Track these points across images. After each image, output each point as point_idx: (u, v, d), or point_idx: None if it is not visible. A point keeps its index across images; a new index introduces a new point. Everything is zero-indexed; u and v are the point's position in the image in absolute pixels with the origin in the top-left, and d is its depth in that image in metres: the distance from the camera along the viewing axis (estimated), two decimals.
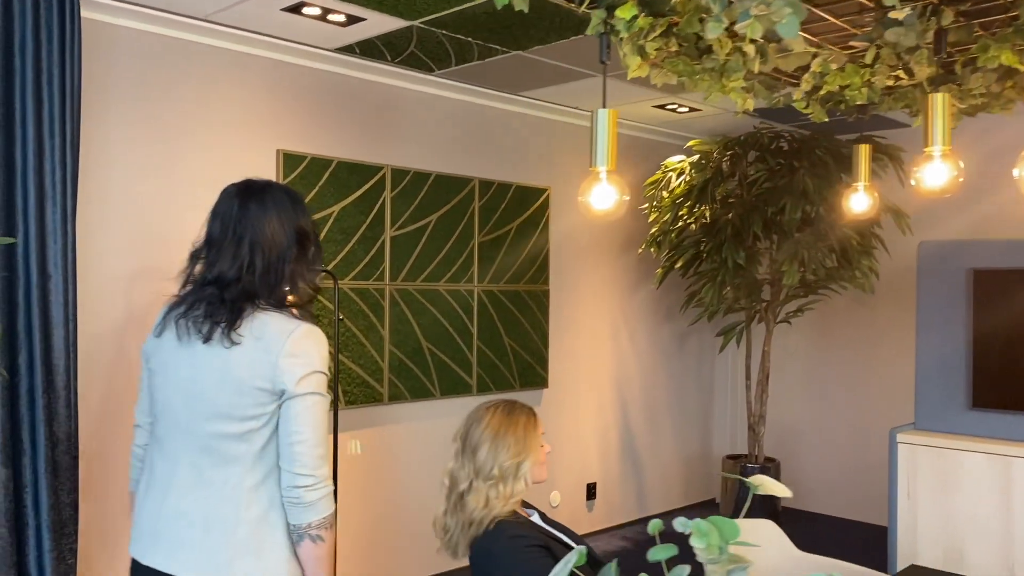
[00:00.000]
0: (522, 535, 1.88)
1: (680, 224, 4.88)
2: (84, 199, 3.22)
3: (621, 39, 1.84)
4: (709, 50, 1.89)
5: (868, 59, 1.82)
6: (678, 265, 4.89)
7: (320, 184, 4.05)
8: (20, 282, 2.97)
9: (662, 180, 5.02)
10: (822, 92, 2.09)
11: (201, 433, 1.77)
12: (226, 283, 1.79)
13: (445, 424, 4.59)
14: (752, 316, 4.94)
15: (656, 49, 1.86)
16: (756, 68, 1.86)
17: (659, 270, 5.19)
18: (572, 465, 5.30)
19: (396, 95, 4.39)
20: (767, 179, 4.69)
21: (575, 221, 5.30)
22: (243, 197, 1.87)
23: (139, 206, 3.52)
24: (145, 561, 1.81)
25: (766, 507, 4.92)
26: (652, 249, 5.17)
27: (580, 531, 5.29)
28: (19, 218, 2.98)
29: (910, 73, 1.96)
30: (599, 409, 5.44)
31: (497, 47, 3.90)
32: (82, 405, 3.23)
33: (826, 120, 2.54)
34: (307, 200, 3.94)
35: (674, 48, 1.93)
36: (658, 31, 1.83)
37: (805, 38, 1.72)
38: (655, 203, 5.01)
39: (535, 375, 5.02)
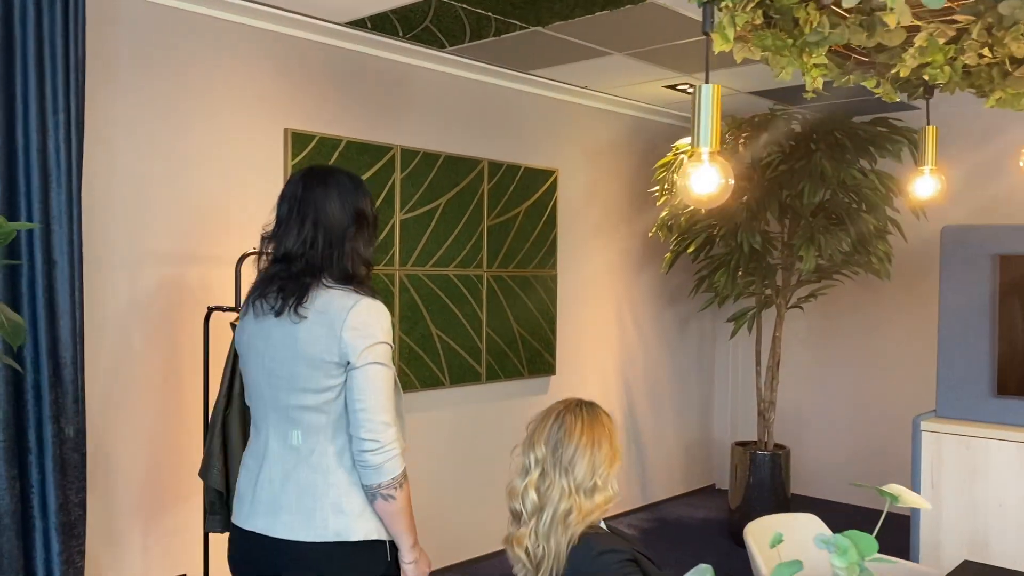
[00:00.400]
0: (613, 549, 1.75)
1: (691, 207, 4.76)
2: (86, 180, 3.02)
3: (723, 7, 1.70)
4: (796, 23, 1.77)
5: (975, 34, 1.71)
6: (690, 250, 4.78)
7: (333, 161, 3.87)
8: (24, 270, 2.77)
9: (673, 162, 4.90)
10: (898, 71, 1.98)
11: (285, 406, 1.92)
12: (291, 259, 1.91)
13: (455, 414, 4.46)
14: (763, 301, 4.86)
15: (744, 22, 1.73)
16: (860, 42, 1.74)
17: (668, 254, 5.08)
18: None
19: (405, 73, 4.21)
20: (781, 162, 4.58)
21: (582, 204, 5.17)
22: (307, 179, 1.99)
23: (143, 187, 3.32)
24: (247, 526, 1.96)
25: (775, 493, 4.86)
26: (661, 233, 5.06)
27: None
28: (22, 200, 2.78)
29: (994, 51, 1.86)
30: (603, 396, 5.34)
31: (516, 22, 3.74)
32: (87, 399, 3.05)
33: (896, 100, 2.44)
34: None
35: (759, 21, 1.80)
36: (753, 2, 1.70)
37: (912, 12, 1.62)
38: (666, 186, 4.89)
39: (543, 362, 4.89)
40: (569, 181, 5.06)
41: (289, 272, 1.90)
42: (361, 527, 1.89)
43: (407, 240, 4.20)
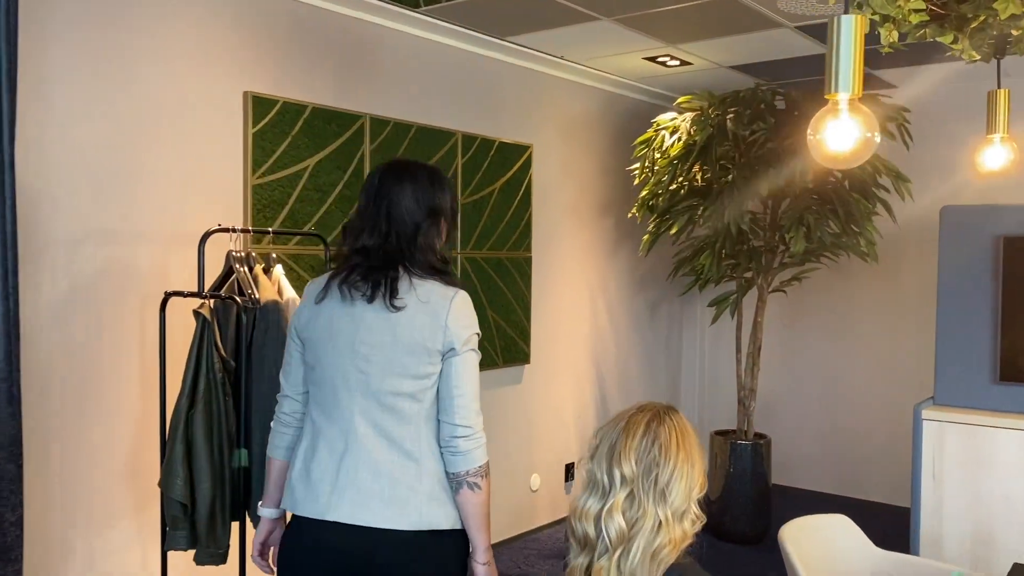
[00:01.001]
0: None
1: (676, 186, 4.52)
2: (21, 146, 2.57)
3: None
4: None
5: None
6: (673, 230, 4.53)
7: (293, 133, 3.48)
8: None
9: (654, 139, 4.64)
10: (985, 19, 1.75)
11: (377, 391, 1.89)
12: (368, 252, 1.93)
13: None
14: (744, 285, 4.66)
15: None
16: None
17: (646, 236, 4.83)
18: (552, 446, 4.93)
19: (377, 35, 3.83)
20: (768, 139, 4.37)
21: (556, 182, 4.87)
22: (384, 173, 1.99)
23: (83, 155, 2.88)
24: (330, 517, 1.88)
25: (756, 483, 4.68)
26: (639, 213, 4.80)
27: (558, 515, 4.95)
28: None
29: None
30: (576, 385, 5.08)
31: None
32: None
33: (975, 59, 2.22)
34: (278, 153, 3.39)
35: None
36: None
37: None
38: (647, 163, 4.62)
39: (518, 350, 4.60)
40: (543, 157, 4.75)
41: (370, 264, 1.92)
42: (452, 515, 1.90)
43: None
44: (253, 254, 2.84)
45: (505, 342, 4.50)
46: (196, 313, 2.63)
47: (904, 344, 5.27)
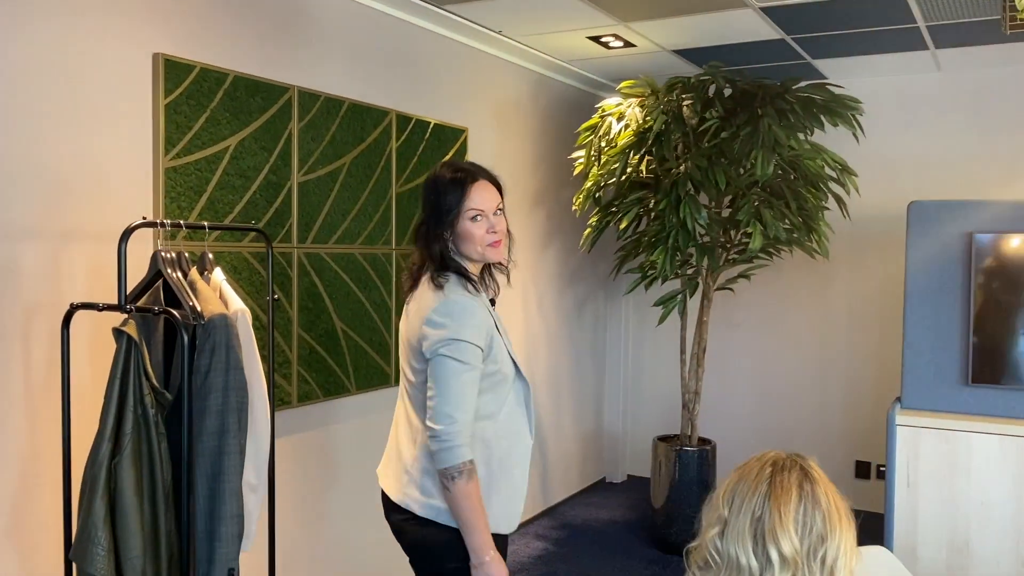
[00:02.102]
0: None
1: (625, 177, 4.18)
2: None
3: None
4: None
5: None
6: (623, 225, 4.19)
7: (212, 106, 2.88)
8: None
9: (600, 125, 4.28)
10: None
11: (401, 377, 2.13)
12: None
13: (363, 425, 3.63)
14: (689, 283, 4.39)
15: None
16: None
17: (588, 230, 4.48)
18: None
19: None
20: (721, 128, 4.10)
21: (492, 168, 4.43)
22: None
23: None
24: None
25: (703, 492, 4.43)
26: (578, 207, 4.44)
27: None
28: None
29: None
30: None
31: None
32: None
33: None
34: (196, 129, 2.82)
35: None
36: None
37: None
38: (593, 152, 4.26)
39: None
40: (478, 143, 4.30)
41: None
42: (428, 505, 2.01)
43: (306, 209, 3.28)
44: (186, 255, 2.26)
45: None
46: (118, 332, 2.04)
47: (847, 342, 5.17)
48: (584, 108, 5.34)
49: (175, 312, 2.04)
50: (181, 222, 2.35)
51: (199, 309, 2.09)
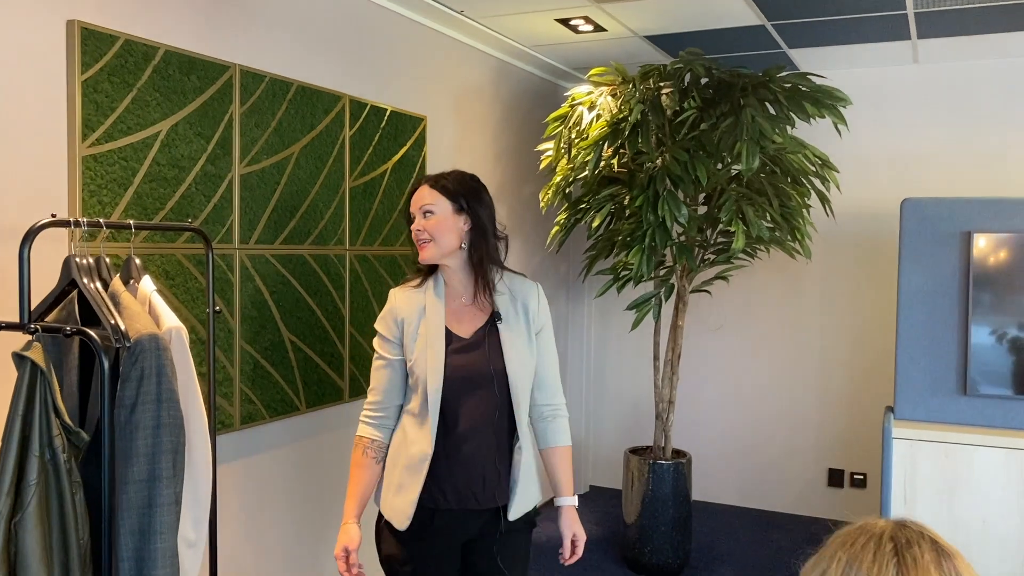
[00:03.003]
0: None
1: (598, 171, 3.87)
2: None
3: None
4: None
5: None
6: (596, 223, 3.88)
7: (139, 84, 2.47)
8: None
9: (570, 115, 3.96)
10: None
11: None
12: None
13: (315, 446, 3.25)
14: (664, 285, 4.11)
15: None
16: None
17: (555, 228, 4.15)
18: None
19: None
20: (700, 119, 3.82)
21: (450, 163, 4.08)
22: None
23: None
24: None
25: (678, 506, 4.16)
26: (544, 203, 4.12)
27: None
28: None
29: None
30: None
31: None
32: None
33: None
34: (119, 111, 2.42)
35: None
36: None
37: None
38: (561, 144, 3.94)
39: None
40: (437, 133, 3.95)
41: None
42: None
43: (250, 205, 2.88)
44: (107, 260, 1.86)
45: None
46: (19, 357, 1.64)
47: (820, 346, 4.96)
48: (546, 98, 5.02)
49: (92, 332, 1.64)
50: (101, 220, 1.94)
51: (123, 328, 1.69)
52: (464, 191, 2.09)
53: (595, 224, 3.87)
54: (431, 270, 2.14)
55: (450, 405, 2.01)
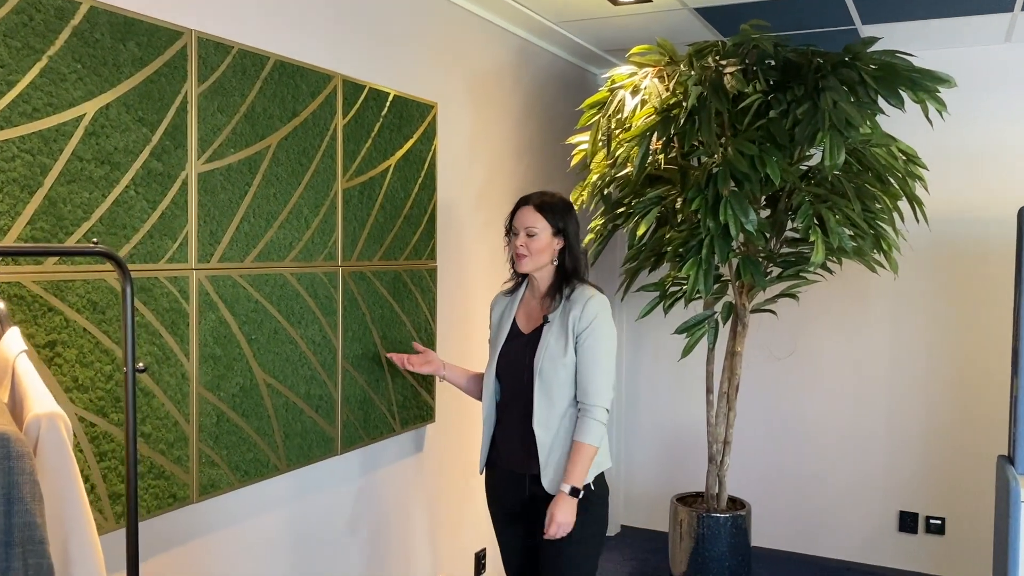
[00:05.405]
0: None
1: (647, 168, 3.21)
2: None
3: None
4: None
5: None
6: (641, 230, 3.22)
7: (52, 53, 1.83)
8: None
9: (610, 101, 3.30)
10: None
11: None
12: None
13: (297, 513, 2.61)
14: (717, 304, 3.44)
15: None
16: None
17: (590, 235, 3.50)
18: (457, 531, 3.50)
19: None
20: (768, 106, 3.16)
21: (466, 159, 3.43)
22: None
23: None
24: None
25: (736, 554, 3.50)
26: (592, 203, 3.47)
27: None
28: None
29: None
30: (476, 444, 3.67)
31: None
32: None
33: None
34: (25, 86, 1.76)
35: None
36: None
37: None
38: (601, 135, 3.28)
39: (419, 405, 3.12)
40: (450, 123, 3.30)
41: None
42: None
43: (211, 212, 2.24)
44: None
45: (403, 395, 3.02)
46: None
47: (888, 374, 4.27)
48: (575, 86, 4.36)
49: None
50: None
51: None
52: (563, 216, 2.45)
53: (640, 231, 3.21)
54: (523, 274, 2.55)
55: (501, 383, 2.52)
